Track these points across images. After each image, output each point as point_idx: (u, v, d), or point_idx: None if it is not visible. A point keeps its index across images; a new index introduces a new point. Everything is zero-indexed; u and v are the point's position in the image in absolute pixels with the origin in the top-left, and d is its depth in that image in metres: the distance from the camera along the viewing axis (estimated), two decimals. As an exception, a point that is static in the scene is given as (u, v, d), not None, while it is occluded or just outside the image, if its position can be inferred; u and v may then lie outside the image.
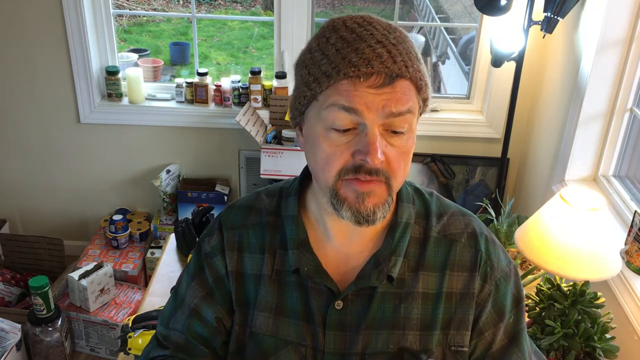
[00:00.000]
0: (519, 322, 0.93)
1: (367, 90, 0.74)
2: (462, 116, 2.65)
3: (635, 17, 1.86)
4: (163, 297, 1.67)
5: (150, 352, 0.96)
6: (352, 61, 0.74)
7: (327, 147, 0.78)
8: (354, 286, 0.86)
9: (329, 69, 0.76)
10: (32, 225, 2.93)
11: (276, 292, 0.90)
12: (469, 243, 0.90)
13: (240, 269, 0.92)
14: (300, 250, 0.88)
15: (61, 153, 2.77)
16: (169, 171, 2.72)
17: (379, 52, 0.75)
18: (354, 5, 7.83)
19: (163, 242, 2.68)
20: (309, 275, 0.87)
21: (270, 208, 0.94)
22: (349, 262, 0.89)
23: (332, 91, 0.76)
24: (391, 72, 0.74)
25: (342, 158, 0.78)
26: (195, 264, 0.96)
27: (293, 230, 0.89)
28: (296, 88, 0.84)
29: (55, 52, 2.54)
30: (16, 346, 2.17)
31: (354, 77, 0.74)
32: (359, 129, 0.77)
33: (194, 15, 2.78)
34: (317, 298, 0.88)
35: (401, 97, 0.75)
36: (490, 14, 2.13)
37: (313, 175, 0.85)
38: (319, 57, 0.78)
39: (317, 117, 0.79)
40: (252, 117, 2.47)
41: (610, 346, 1.40)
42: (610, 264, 1.42)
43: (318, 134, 0.79)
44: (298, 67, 0.84)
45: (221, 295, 0.93)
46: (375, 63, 0.74)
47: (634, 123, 1.97)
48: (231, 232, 0.93)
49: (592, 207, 1.42)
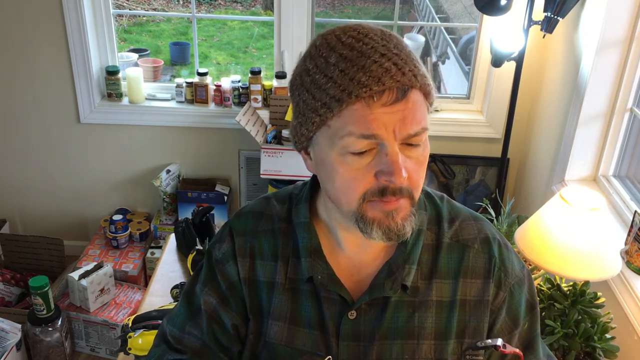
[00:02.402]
0: (534, 328, 0.92)
1: (382, 110, 0.72)
2: (462, 116, 2.65)
3: (635, 17, 1.86)
4: (163, 297, 1.67)
5: (164, 356, 0.93)
6: (361, 81, 0.71)
7: (346, 172, 0.76)
8: (368, 296, 0.85)
9: (337, 92, 0.72)
10: (32, 225, 2.93)
11: (290, 301, 0.88)
12: (482, 249, 0.88)
13: (252, 276, 0.90)
14: (313, 258, 0.87)
15: (61, 153, 2.77)
16: (169, 171, 2.72)
17: (386, 66, 0.72)
18: (354, 5, 7.82)
19: (163, 242, 2.68)
20: (323, 283, 0.86)
21: (282, 214, 0.92)
22: (362, 271, 0.88)
23: (347, 117, 0.73)
24: (403, 86, 0.72)
25: (364, 181, 0.75)
26: (206, 271, 0.94)
27: (305, 238, 0.88)
28: (299, 113, 0.80)
29: (55, 52, 2.54)
30: (16, 346, 2.17)
31: (367, 98, 0.71)
32: (378, 149, 0.74)
33: (194, 15, 2.78)
34: (330, 308, 0.87)
35: (415, 114, 0.73)
36: (491, 13, 2.13)
37: (332, 199, 0.82)
38: (322, 80, 0.74)
39: (329, 142, 0.76)
40: (252, 117, 2.47)
41: (610, 346, 1.40)
42: (610, 264, 1.42)
43: (333, 159, 0.76)
44: (296, 89, 0.79)
45: (235, 303, 0.91)
46: (386, 79, 0.71)
47: (634, 123, 1.97)
48: (242, 239, 0.91)
49: (592, 207, 1.41)
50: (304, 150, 0.84)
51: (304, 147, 0.83)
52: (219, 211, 2.69)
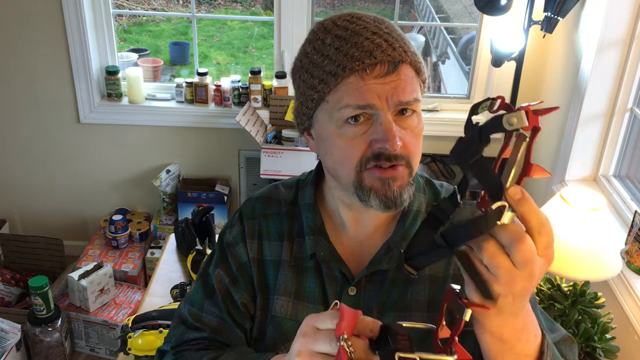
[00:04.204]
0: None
1: (375, 82, 0.77)
2: (462, 116, 2.64)
3: (635, 17, 1.86)
4: (163, 297, 1.67)
5: (184, 335, 0.97)
6: (354, 55, 0.77)
7: (343, 142, 0.80)
8: (366, 271, 0.89)
9: (333, 67, 0.78)
10: (32, 225, 2.93)
11: (295, 277, 0.93)
12: None
13: (260, 256, 0.95)
14: (317, 236, 0.91)
15: (61, 153, 2.77)
16: (169, 171, 2.72)
17: (377, 42, 0.77)
18: (354, 5, 7.82)
19: (163, 242, 2.68)
20: (325, 260, 0.90)
21: (289, 198, 0.97)
22: (363, 250, 0.92)
23: (342, 90, 0.78)
24: (393, 59, 0.77)
25: (359, 149, 0.79)
26: (218, 254, 0.99)
27: (309, 218, 0.93)
28: (300, 94, 0.86)
29: (55, 52, 2.54)
30: (16, 346, 2.17)
31: (360, 71, 0.76)
32: (373, 119, 0.79)
33: (194, 15, 2.78)
34: (332, 284, 0.91)
35: (406, 86, 0.78)
36: (491, 13, 2.13)
37: (332, 173, 0.87)
38: (319, 59, 0.80)
39: (328, 117, 0.81)
40: (252, 117, 2.47)
41: (611, 346, 1.40)
42: (610, 264, 1.42)
43: (331, 133, 0.81)
44: (297, 72, 0.86)
45: (244, 282, 0.95)
46: (377, 53, 0.77)
47: (634, 123, 1.97)
48: (251, 222, 0.97)
49: (592, 207, 1.41)
50: (307, 132, 0.89)
51: (306, 127, 0.88)
52: (219, 211, 2.69)
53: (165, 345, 1.01)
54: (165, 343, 1.01)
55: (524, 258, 0.57)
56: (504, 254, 0.57)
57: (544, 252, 0.59)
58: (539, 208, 0.58)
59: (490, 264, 0.57)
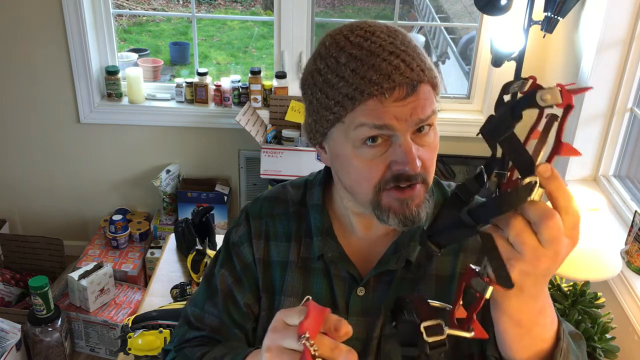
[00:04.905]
0: None
1: (394, 105, 0.75)
2: (462, 116, 2.64)
3: (635, 17, 1.86)
4: (163, 297, 1.67)
5: (185, 334, 0.99)
6: (372, 80, 0.74)
7: (361, 163, 0.79)
8: (374, 271, 0.89)
9: (350, 91, 0.76)
10: (32, 225, 2.93)
11: (302, 278, 0.93)
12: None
13: (266, 257, 0.95)
14: (325, 237, 0.91)
15: (61, 153, 2.77)
16: (168, 171, 2.72)
17: (395, 64, 0.75)
18: (354, 5, 7.82)
19: (163, 242, 2.68)
20: (333, 261, 0.90)
21: (297, 199, 0.97)
22: (372, 251, 0.92)
23: (359, 112, 0.76)
24: (412, 81, 0.75)
25: (378, 171, 0.78)
26: (224, 254, 1.00)
27: (317, 219, 0.93)
28: (313, 111, 0.83)
29: (55, 52, 2.54)
30: (16, 346, 2.17)
31: (379, 95, 0.75)
32: (392, 140, 0.77)
33: (194, 15, 2.78)
34: (340, 285, 0.91)
35: (425, 104, 0.77)
36: (491, 13, 2.13)
37: (348, 190, 0.86)
38: (333, 79, 0.78)
39: (344, 137, 0.80)
40: (252, 117, 2.47)
41: (611, 346, 1.40)
42: (610, 264, 1.42)
43: (348, 152, 0.80)
44: (308, 88, 0.83)
45: (248, 282, 0.96)
46: (396, 76, 0.74)
47: (634, 123, 1.97)
48: (258, 222, 0.97)
49: (592, 207, 1.41)
50: (319, 145, 0.88)
51: (319, 142, 0.87)
52: (219, 211, 2.69)
53: (169, 344, 1.03)
54: (170, 342, 1.04)
55: (551, 236, 0.56)
56: (531, 232, 0.57)
57: (570, 232, 0.58)
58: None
59: (516, 241, 0.57)
